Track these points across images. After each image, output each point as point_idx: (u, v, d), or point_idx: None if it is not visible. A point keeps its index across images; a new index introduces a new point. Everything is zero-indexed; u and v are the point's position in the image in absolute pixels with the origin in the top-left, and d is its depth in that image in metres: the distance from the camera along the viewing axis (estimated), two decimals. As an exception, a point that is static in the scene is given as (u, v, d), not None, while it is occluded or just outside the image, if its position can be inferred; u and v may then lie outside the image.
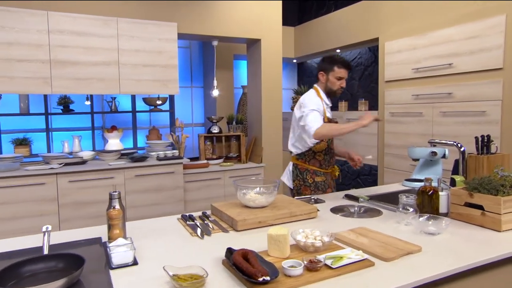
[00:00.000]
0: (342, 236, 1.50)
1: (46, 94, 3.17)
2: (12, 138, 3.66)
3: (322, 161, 2.42)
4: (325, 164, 2.44)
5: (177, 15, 3.60)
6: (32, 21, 2.97)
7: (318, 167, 2.43)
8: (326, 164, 2.44)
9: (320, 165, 2.43)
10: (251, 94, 4.39)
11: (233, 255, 1.23)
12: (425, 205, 1.74)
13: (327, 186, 2.46)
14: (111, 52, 3.27)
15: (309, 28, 5.26)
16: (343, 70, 2.34)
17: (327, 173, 2.46)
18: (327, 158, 2.43)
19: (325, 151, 2.41)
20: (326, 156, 2.43)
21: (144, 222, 1.79)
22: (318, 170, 2.43)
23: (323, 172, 2.44)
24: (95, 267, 1.27)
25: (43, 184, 2.98)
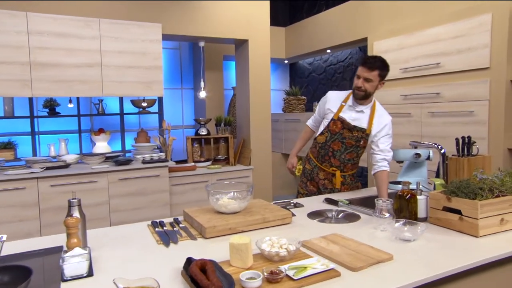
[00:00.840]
0: (312, 244, 1.44)
1: (26, 97, 3.11)
2: (-5, 141, 3.61)
3: (317, 153, 2.38)
4: (319, 158, 2.37)
5: (162, 16, 3.54)
6: (11, 22, 2.92)
7: (315, 157, 2.40)
8: (320, 159, 2.37)
9: (317, 157, 2.38)
10: (239, 96, 4.33)
11: (190, 266, 1.17)
12: (403, 209, 1.68)
13: (311, 178, 2.42)
14: (93, 54, 3.22)
15: (299, 28, 5.21)
16: (360, 68, 2.16)
17: (320, 168, 2.38)
18: (321, 152, 2.34)
19: (321, 144, 2.34)
20: (321, 150, 2.35)
21: (111, 229, 1.74)
22: (312, 159, 2.42)
23: (315, 164, 2.39)
24: (48, 280, 1.21)
25: (23, 189, 2.92)
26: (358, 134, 2.23)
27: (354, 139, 2.25)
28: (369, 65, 2.10)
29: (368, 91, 2.15)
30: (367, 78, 2.11)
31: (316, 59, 5.59)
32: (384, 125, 2.21)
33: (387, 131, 2.23)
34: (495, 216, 1.53)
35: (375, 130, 2.21)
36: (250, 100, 4.07)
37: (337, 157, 2.31)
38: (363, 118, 2.23)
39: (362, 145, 2.29)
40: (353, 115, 2.24)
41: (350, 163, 2.35)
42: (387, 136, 2.23)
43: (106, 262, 1.35)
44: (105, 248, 1.49)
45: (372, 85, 2.14)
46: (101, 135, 3.99)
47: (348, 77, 5.00)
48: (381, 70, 2.12)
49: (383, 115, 2.25)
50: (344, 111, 2.25)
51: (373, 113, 2.24)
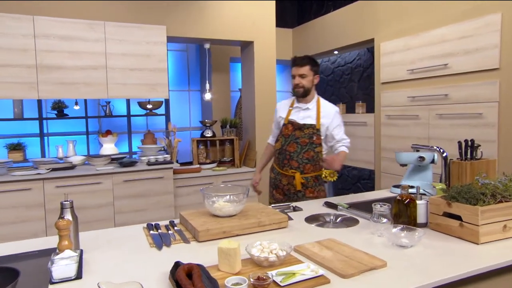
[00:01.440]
0: (304, 249, 1.41)
1: (33, 99, 3.16)
2: (6, 143, 3.68)
3: (277, 159, 2.45)
4: (280, 164, 2.42)
5: (166, 18, 3.56)
6: (17, 26, 2.97)
7: (276, 164, 2.47)
8: (280, 164, 2.42)
9: (278, 163, 2.44)
10: (245, 97, 4.32)
11: (177, 271, 1.16)
12: (402, 215, 1.64)
13: (275, 186, 2.47)
14: (98, 56, 3.25)
15: (306, 30, 5.18)
16: (292, 69, 2.33)
17: (281, 174, 2.42)
18: (280, 157, 2.41)
19: (279, 150, 2.42)
20: (279, 156, 2.42)
21: (106, 231, 1.74)
22: (274, 167, 2.49)
23: (278, 171, 2.44)
24: (37, 282, 1.22)
25: (30, 190, 2.97)
26: (309, 131, 2.32)
27: (307, 137, 2.32)
28: (299, 62, 2.29)
29: (306, 86, 2.30)
30: (301, 74, 2.28)
31: (324, 61, 5.54)
32: (332, 117, 2.33)
33: (337, 121, 2.35)
34: (498, 223, 1.48)
35: (324, 123, 2.32)
36: (256, 102, 4.05)
37: (295, 158, 2.35)
38: (311, 115, 2.34)
39: (315, 141, 2.33)
40: (301, 114, 2.36)
41: (310, 164, 2.37)
42: (338, 126, 2.35)
43: (97, 265, 1.35)
44: (97, 250, 1.49)
45: (308, 80, 2.29)
46: (108, 136, 4.03)
47: (356, 78, 4.94)
48: (312, 65, 2.30)
49: (328, 108, 2.38)
50: (292, 114, 2.38)
51: (319, 108, 2.36)
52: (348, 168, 5.21)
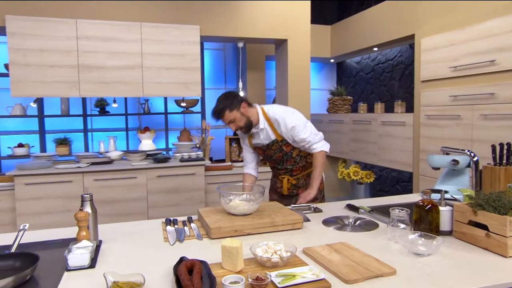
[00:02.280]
0: (313, 251, 1.38)
1: (74, 97, 3.38)
2: (54, 138, 3.97)
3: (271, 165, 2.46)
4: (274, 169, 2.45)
5: (200, 18, 3.63)
6: (62, 29, 3.19)
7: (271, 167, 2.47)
8: (274, 170, 2.45)
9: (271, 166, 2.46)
10: (279, 96, 4.30)
11: (179, 266, 1.19)
12: (422, 221, 1.55)
13: (272, 188, 2.50)
14: (134, 56, 3.40)
15: (345, 26, 5.04)
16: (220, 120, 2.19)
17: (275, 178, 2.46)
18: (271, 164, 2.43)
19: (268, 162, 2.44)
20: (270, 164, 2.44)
21: (127, 224, 1.82)
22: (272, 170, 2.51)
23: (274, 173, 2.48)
24: (56, 268, 1.30)
25: (70, 182, 3.18)
26: (275, 146, 2.24)
27: (278, 151, 2.25)
28: (216, 115, 2.11)
29: (243, 124, 2.13)
30: (229, 122, 2.12)
31: (364, 58, 5.36)
32: (290, 126, 2.14)
33: (291, 130, 2.15)
34: (530, 235, 1.35)
35: (284, 132, 2.18)
36: (289, 101, 4.02)
37: (279, 166, 2.36)
38: (269, 132, 2.21)
39: (288, 150, 2.26)
40: (261, 136, 2.24)
41: (297, 166, 2.33)
42: (296, 132, 2.15)
43: (112, 255, 1.42)
44: (116, 242, 1.56)
45: (239, 119, 2.10)
46: (146, 133, 4.20)
47: (397, 76, 4.73)
48: (228, 108, 2.08)
49: (275, 116, 2.16)
50: (254, 139, 2.29)
51: (270, 122, 2.19)
52: (386, 170, 5.01)
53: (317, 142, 2.21)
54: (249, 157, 2.41)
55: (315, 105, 5.75)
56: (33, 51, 3.13)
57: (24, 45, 3.11)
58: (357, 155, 4.69)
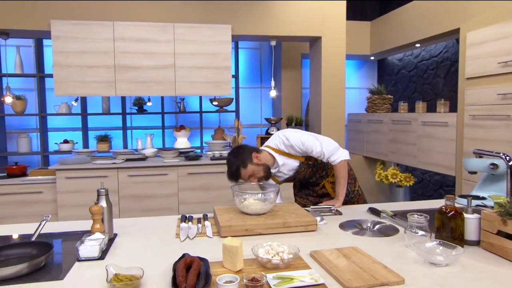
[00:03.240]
0: (320, 255, 1.33)
1: (111, 96, 3.55)
2: (95, 135, 4.20)
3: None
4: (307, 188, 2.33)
5: (232, 17, 3.65)
6: (100, 31, 3.36)
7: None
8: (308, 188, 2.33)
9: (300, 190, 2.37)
10: (312, 95, 4.22)
11: (178, 262, 1.19)
12: (445, 229, 1.43)
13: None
14: (167, 56, 3.50)
15: (385, 22, 4.82)
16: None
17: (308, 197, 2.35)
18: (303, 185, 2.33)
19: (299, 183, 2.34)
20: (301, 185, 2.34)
21: (144, 219, 1.86)
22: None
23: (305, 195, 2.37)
24: (70, 258, 1.36)
25: (106, 177, 3.34)
26: (303, 167, 2.16)
27: (306, 168, 2.18)
28: (234, 177, 2.01)
29: (262, 175, 2.03)
30: (249, 176, 2.01)
31: (406, 55, 5.10)
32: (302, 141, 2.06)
33: (292, 147, 2.08)
34: None
35: (302, 150, 2.09)
36: (322, 100, 3.93)
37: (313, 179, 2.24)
38: (290, 163, 2.14)
39: (313, 161, 2.17)
40: (285, 171, 2.17)
41: (330, 167, 2.23)
42: (315, 145, 2.07)
43: (123, 249, 1.46)
44: (130, 235, 1.61)
45: (256, 171, 2.01)
46: (181, 131, 4.31)
47: (442, 74, 4.44)
48: (241, 164, 1.99)
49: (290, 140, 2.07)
50: (279, 178, 2.22)
51: (285, 153, 2.12)
52: (429, 173, 4.73)
53: (334, 153, 2.10)
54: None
55: (353, 104, 5.57)
56: (74, 53, 3.34)
57: (66, 48, 3.32)
58: (396, 157, 4.47)
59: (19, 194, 3.26)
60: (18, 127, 4.25)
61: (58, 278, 1.20)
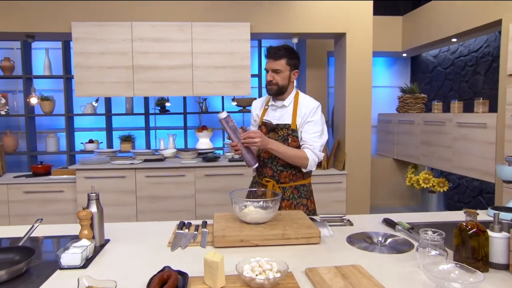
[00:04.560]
0: (315, 273, 1.19)
1: (129, 96, 3.55)
2: (119, 135, 4.25)
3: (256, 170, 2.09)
4: (257, 171, 2.09)
5: (251, 15, 3.54)
6: (119, 32, 3.37)
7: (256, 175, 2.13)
8: (257, 172, 2.09)
9: (255, 171, 2.10)
10: (337, 94, 4.02)
11: (153, 278, 1.10)
12: (465, 248, 1.23)
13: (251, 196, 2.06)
14: (185, 56, 3.45)
15: (419, 16, 4.51)
16: (266, 61, 1.94)
17: (258, 183, 2.09)
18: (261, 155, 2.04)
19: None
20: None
21: (140, 224, 1.80)
22: (256, 178, 2.15)
23: (256, 180, 2.13)
24: (50, 264, 1.31)
25: (124, 177, 3.35)
26: (283, 132, 1.95)
27: (281, 139, 1.94)
28: (273, 55, 1.89)
29: (280, 84, 1.91)
30: (275, 69, 1.89)
31: (442, 51, 4.76)
32: (308, 112, 1.92)
33: (312, 117, 1.93)
34: None
35: (299, 121, 1.93)
36: (347, 99, 3.72)
37: (269, 165, 1.99)
38: (287, 114, 1.97)
39: (291, 144, 1.93)
40: (276, 114, 1.99)
41: (286, 171, 1.98)
42: (311, 123, 1.92)
43: (110, 257, 1.39)
44: (122, 242, 1.54)
45: (283, 76, 1.91)
46: (203, 131, 4.26)
47: (482, 70, 4.09)
48: (289, 58, 1.90)
49: (307, 104, 1.96)
50: (267, 114, 2.03)
51: (296, 105, 1.96)
52: (466, 178, 4.37)
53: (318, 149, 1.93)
54: None
55: (383, 104, 5.29)
56: (94, 54, 3.37)
57: (86, 49, 3.36)
58: (429, 160, 4.17)
59: (43, 193, 3.35)
60: (48, 127, 4.39)
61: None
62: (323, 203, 3.66)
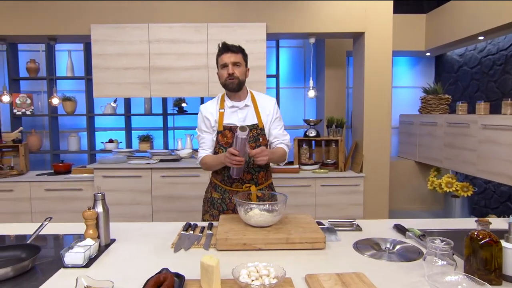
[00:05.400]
0: (315, 280, 1.15)
1: (145, 97, 3.60)
2: (138, 135, 4.32)
3: (221, 176, 1.95)
4: (226, 180, 1.94)
5: (267, 15, 3.51)
6: (136, 33, 3.43)
7: (220, 181, 1.97)
8: (227, 181, 1.93)
9: (222, 179, 1.95)
10: (355, 95, 3.93)
11: (149, 279, 1.10)
12: (476, 259, 1.16)
13: (222, 209, 1.95)
14: (200, 57, 3.46)
15: (442, 13, 4.35)
16: (223, 56, 1.90)
17: (231, 192, 1.93)
18: (226, 173, 1.92)
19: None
20: (224, 171, 1.92)
21: (147, 225, 1.81)
22: (218, 185, 1.98)
23: (224, 189, 1.95)
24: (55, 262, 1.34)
25: (140, 177, 3.39)
26: (252, 133, 1.90)
27: (252, 141, 1.90)
28: (231, 47, 1.89)
29: (241, 78, 1.90)
30: (235, 62, 1.88)
31: (468, 49, 4.56)
32: (272, 110, 1.96)
33: (277, 114, 1.99)
34: None
35: (265, 119, 1.94)
36: (365, 100, 3.63)
37: (246, 170, 1.90)
38: (250, 113, 1.94)
39: (262, 143, 1.91)
40: (240, 115, 1.93)
41: (262, 171, 1.95)
42: (277, 118, 1.99)
43: (113, 257, 1.40)
44: (126, 242, 1.55)
45: (241, 70, 1.91)
46: (220, 132, 4.27)
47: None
48: (243, 54, 1.93)
49: (265, 100, 1.99)
50: (227, 117, 1.92)
51: (256, 104, 1.96)
52: (494, 183, 4.17)
53: (286, 137, 2.00)
54: (210, 141, 1.96)
55: (405, 105, 5.14)
56: (111, 56, 3.44)
57: (105, 50, 3.44)
58: (452, 164, 4.00)
59: (62, 191, 3.44)
60: (70, 126, 4.52)
61: (32, 286, 1.17)
62: (339, 206, 3.58)
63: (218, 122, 1.92)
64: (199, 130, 2.00)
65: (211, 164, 1.93)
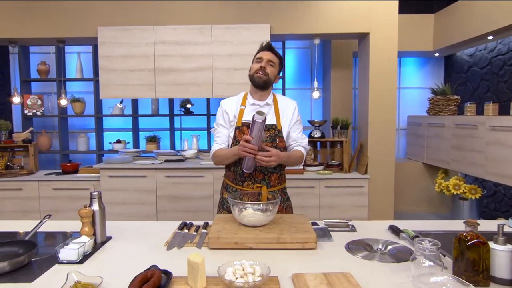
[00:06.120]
0: (301, 279, 1.16)
1: (151, 98, 3.65)
2: (145, 135, 4.38)
3: (233, 175, 1.93)
4: (238, 179, 1.91)
5: (271, 16, 3.52)
6: (142, 36, 3.48)
7: (231, 180, 1.95)
8: (239, 179, 1.91)
9: (234, 178, 1.93)
10: (360, 96, 3.91)
11: (137, 275, 1.12)
12: (464, 260, 1.15)
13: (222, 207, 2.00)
14: (205, 58, 3.50)
15: (451, 13, 4.29)
16: (262, 52, 1.95)
17: (242, 193, 1.87)
18: (238, 171, 1.90)
19: (234, 162, 1.90)
20: (237, 168, 1.90)
21: (144, 223, 1.84)
22: (230, 185, 1.96)
23: (236, 188, 1.92)
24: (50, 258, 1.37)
25: (145, 177, 3.44)
26: (270, 132, 1.89)
27: (269, 140, 1.88)
28: (272, 49, 1.94)
29: (270, 76, 1.90)
30: (271, 60, 1.90)
31: (478, 49, 4.49)
32: (292, 112, 1.96)
33: (297, 117, 1.99)
34: None
35: (285, 122, 1.93)
36: (370, 101, 3.61)
37: (258, 168, 1.87)
38: (270, 113, 1.92)
39: (279, 145, 1.89)
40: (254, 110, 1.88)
41: (276, 173, 1.92)
42: (298, 122, 1.99)
43: (108, 254, 1.44)
44: (122, 240, 1.58)
45: (273, 71, 1.91)
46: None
47: (523, 70, 3.81)
48: (280, 61, 1.97)
49: (286, 103, 1.99)
50: (247, 114, 1.91)
51: (277, 105, 1.96)
52: (503, 186, 4.09)
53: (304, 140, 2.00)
54: (225, 136, 1.94)
55: (414, 106, 5.08)
56: (118, 57, 3.51)
57: (111, 52, 3.50)
58: (460, 166, 3.94)
59: (70, 190, 3.52)
60: (79, 127, 4.62)
61: (27, 280, 1.21)
62: (343, 208, 3.57)
63: (237, 118, 1.92)
64: (217, 124, 2.00)
65: (224, 156, 1.90)
